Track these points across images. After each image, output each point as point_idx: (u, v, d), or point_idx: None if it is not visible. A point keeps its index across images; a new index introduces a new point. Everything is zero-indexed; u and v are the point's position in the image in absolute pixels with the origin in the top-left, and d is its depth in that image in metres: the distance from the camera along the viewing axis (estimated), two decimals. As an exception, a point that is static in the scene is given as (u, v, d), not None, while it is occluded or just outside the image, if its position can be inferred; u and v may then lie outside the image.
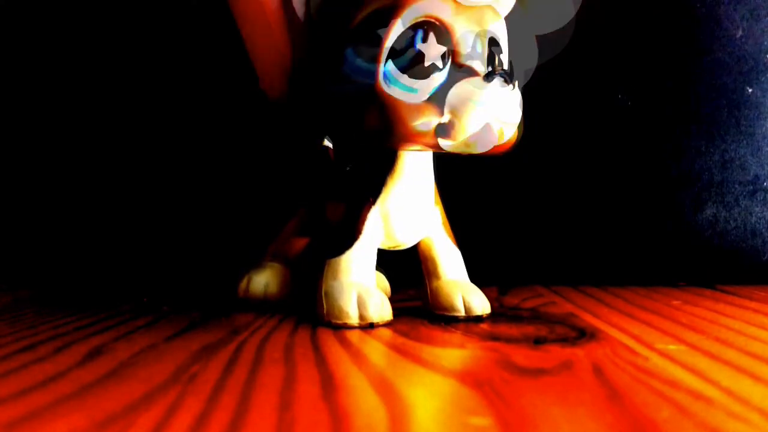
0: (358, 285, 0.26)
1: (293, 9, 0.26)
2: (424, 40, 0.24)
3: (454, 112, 0.24)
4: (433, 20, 0.24)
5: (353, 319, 0.25)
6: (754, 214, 0.44)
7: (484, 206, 0.43)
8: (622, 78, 0.43)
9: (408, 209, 0.28)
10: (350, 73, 0.25)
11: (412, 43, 0.24)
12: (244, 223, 0.42)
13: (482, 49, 0.25)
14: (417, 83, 0.24)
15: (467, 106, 0.24)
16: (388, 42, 0.24)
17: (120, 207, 0.43)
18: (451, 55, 0.25)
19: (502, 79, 0.24)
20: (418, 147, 0.25)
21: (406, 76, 0.24)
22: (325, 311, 0.26)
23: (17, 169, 0.43)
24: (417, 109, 0.24)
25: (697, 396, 0.16)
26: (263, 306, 0.30)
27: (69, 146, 0.43)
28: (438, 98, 0.24)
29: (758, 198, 0.44)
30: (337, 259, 0.26)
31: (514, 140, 0.26)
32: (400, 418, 0.14)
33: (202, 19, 0.42)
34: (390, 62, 0.24)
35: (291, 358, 0.20)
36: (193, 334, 0.24)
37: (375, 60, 0.24)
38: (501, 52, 0.26)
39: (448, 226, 0.30)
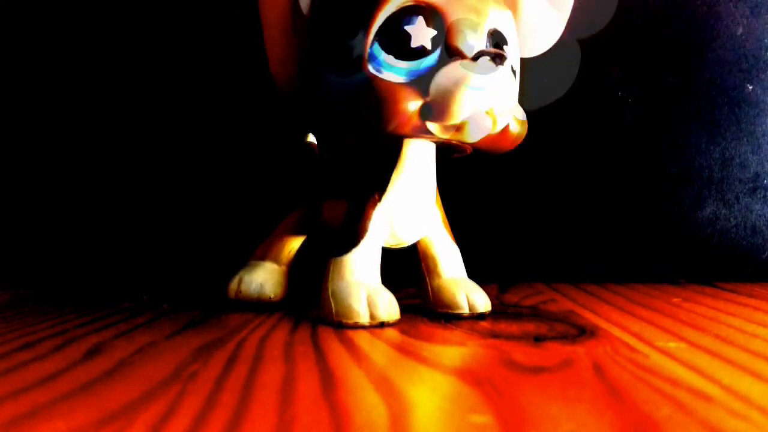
0: (366, 284, 0.26)
1: (299, 8, 0.27)
2: (413, 22, 0.24)
3: (440, 93, 0.24)
4: (423, 4, 0.24)
5: (364, 318, 0.25)
6: (754, 212, 0.44)
7: (484, 204, 0.43)
8: (622, 75, 0.43)
9: (411, 206, 0.28)
10: (342, 59, 0.25)
11: (400, 25, 0.24)
12: (244, 221, 0.42)
13: (480, 37, 0.25)
14: (403, 64, 0.24)
15: (453, 88, 0.23)
16: (376, 24, 0.24)
17: (120, 206, 0.43)
18: (443, 39, 0.24)
19: (490, 59, 0.23)
20: (407, 130, 0.24)
21: (392, 57, 0.24)
22: (333, 311, 0.25)
23: (18, 169, 0.43)
24: (404, 90, 0.24)
25: (697, 393, 0.16)
26: (256, 307, 0.30)
27: (69, 146, 0.43)
28: (425, 80, 0.24)
29: (758, 195, 0.44)
30: (342, 258, 0.26)
31: (520, 137, 0.26)
32: (400, 416, 0.14)
33: (199, 20, 0.42)
34: (376, 44, 0.24)
35: (291, 356, 0.20)
36: (193, 333, 0.24)
37: (364, 42, 0.24)
38: (506, 43, 0.26)
39: (448, 225, 0.30)
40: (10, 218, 0.43)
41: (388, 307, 0.26)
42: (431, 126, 0.24)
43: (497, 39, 0.25)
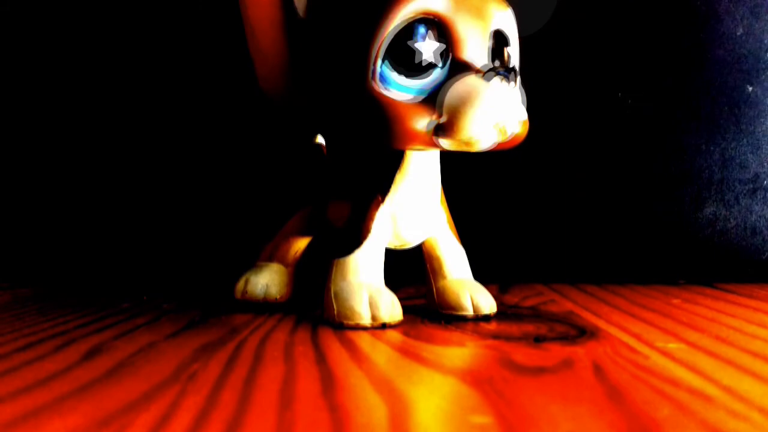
0: (369, 285, 0.26)
1: (294, 7, 0.26)
2: (421, 37, 0.23)
3: (452, 111, 0.23)
4: (430, 16, 0.23)
5: (365, 319, 0.25)
6: (754, 213, 0.44)
7: (484, 204, 0.43)
8: (622, 76, 0.43)
9: (416, 207, 0.28)
10: (345, 75, 0.24)
11: (406, 41, 0.23)
12: (244, 222, 0.42)
13: (485, 43, 0.24)
14: (413, 82, 0.23)
15: (465, 106, 0.23)
16: (384, 41, 0.23)
17: (120, 206, 0.43)
18: (451, 51, 0.24)
19: (502, 77, 0.23)
20: (417, 147, 0.24)
21: (402, 76, 0.23)
22: (335, 312, 0.25)
23: (18, 169, 0.43)
24: (413, 108, 0.23)
25: (697, 394, 0.16)
26: (262, 307, 0.30)
27: (69, 146, 0.43)
28: (434, 96, 0.23)
29: (758, 196, 0.44)
30: (345, 259, 0.26)
31: (521, 137, 0.26)
32: (400, 417, 0.14)
33: (201, 19, 0.42)
34: (385, 62, 0.23)
35: (291, 357, 0.20)
36: (193, 333, 0.24)
37: (367, 60, 0.23)
38: (507, 45, 0.25)
39: (453, 226, 0.30)
40: (10, 218, 0.43)
41: (390, 309, 0.25)
42: (442, 142, 0.24)
43: (500, 40, 0.25)
